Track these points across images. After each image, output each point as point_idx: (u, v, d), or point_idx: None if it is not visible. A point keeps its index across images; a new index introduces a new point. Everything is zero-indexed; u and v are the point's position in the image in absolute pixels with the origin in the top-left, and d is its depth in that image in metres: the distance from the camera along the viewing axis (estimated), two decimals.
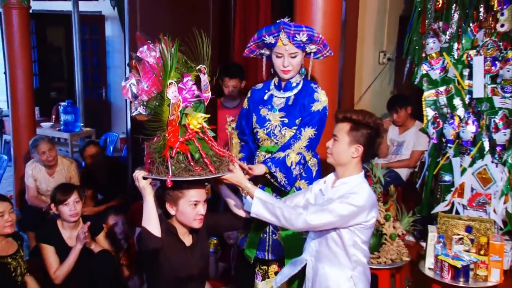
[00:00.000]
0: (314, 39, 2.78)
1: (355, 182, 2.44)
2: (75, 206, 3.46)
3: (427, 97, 4.54)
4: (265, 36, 2.80)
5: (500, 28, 4.22)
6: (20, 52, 5.24)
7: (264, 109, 2.93)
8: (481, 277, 3.11)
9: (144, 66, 2.32)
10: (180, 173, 2.28)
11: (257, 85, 3.09)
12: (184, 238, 2.56)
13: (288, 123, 2.87)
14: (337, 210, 2.33)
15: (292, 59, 2.79)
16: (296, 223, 2.37)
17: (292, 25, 2.75)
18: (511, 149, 4.15)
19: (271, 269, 3.05)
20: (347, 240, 2.42)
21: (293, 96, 2.90)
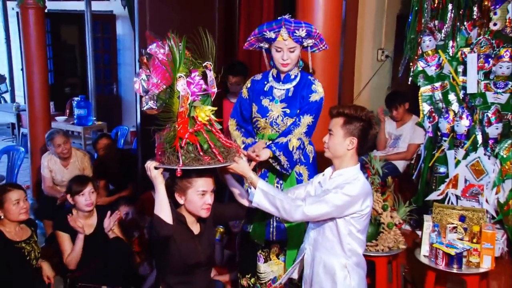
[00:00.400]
0: (312, 34, 2.82)
1: (351, 173, 2.44)
2: (90, 197, 3.48)
3: (423, 92, 4.55)
4: (266, 31, 2.83)
5: (493, 26, 4.23)
6: (36, 49, 5.26)
7: (266, 100, 2.96)
8: (474, 264, 3.10)
9: (154, 62, 2.32)
10: (190, 163, 2.28)
11: (256, 76, 3.10)
12: (192, 226, 2.56)
13: (290, 113, 2.91)
14: (332, 200, 2.34)
15: (291, 53, 2.83)
16: (294, 215, 2.39)
17: (293, 21, 2.78)
18: (503, 142, 4.16)
19: (272, 252, 3.06)
20: (342, 229, 2.42)
21: (293, 88, 2.93)
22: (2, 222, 3.18)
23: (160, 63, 2.30)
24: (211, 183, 2.48)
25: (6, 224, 3.18)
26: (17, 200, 3.16)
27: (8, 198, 3.14)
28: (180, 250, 2.48)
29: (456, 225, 3.26)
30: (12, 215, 3.16)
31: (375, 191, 3.40)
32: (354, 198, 2.36)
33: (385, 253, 3.31)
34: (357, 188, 2.37)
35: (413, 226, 4.40)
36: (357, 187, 2.38)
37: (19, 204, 3.17)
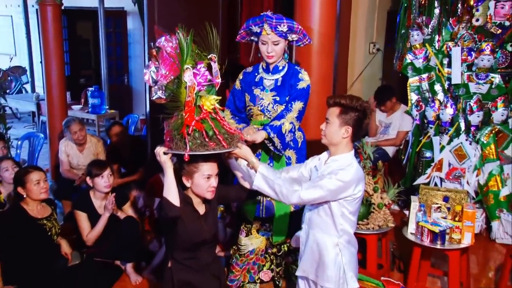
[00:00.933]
0: (294, 29, 2.84)
1: (345, 159, 2.43)
2: (109, 179, 3.51)
3: (411, 83, 4.55)
4: (252, 26, 2.86)
5: (476, 22, 4.23)
6: (54, 44, 5.25)
7: (257, 89, 2.98)
8: (456, 240, 3.11)
9: (163, 54, 2.31)
10: (196, 148, 2.28)
11: (248, 68, 3.12)
12: (198, 207, 2.57)
13: (279, 100, 2.95)
14: (327, 185, 2.34)
15: (275, 46, 2.85)
16: (291, 199, 2.38)
17: (274, 17, 2.80)
18: (483, 129, 4.17)
19: (254, 227, 3.10)
20: (335, 211, 2.42)
21: (281, 78, 2.96)
22: (25, 201, 3.22)
23: (168, 55, 2.29)
24: (216, 168, 2.49)
25: (29, 202, 3.22)
26: (38, 180, 3.20)
27: (29, 179, 3.17)
28: (187, 229, 2.49)
29: (440, 205, 3.27)
30: (34, 194, 3.19)
31: (366, 174, 3.41)
32: (347, 183, 2.36)
33: (375, 231, 3.34)
34: (350, 174, 2.37)
35: (401, 206, 4.44)
36: (350, 173, 2.37)
37: (39, 184, 3.20)
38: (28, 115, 9.32)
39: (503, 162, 4.10)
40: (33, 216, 3.21)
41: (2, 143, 4.45)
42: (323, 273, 2.48)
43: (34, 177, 3.20)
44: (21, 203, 3.23)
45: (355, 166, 2.42)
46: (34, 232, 3.19)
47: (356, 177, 2.40)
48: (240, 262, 3.13)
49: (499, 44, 4.19)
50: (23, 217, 3.18)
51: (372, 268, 3.37)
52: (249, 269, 3.15)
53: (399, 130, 4.88)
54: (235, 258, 3.15)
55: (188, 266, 2.57)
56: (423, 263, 3.33)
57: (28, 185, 3.18)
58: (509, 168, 4.08)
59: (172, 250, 2.61)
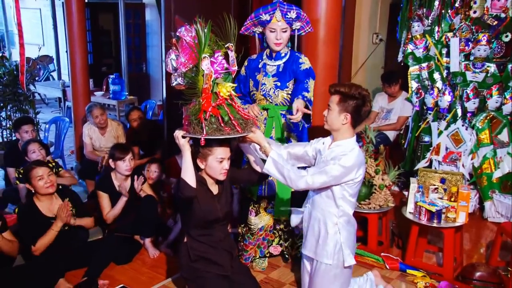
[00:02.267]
0: (301, 16, 2.82)
1: (348, 144, 2.42)
2: (130, 163, 3.49)
3: (412, 72, 4.52)
4: (262, 14, 2.83)
5: (473, 14, 4.19)
6: (78, 34, 5.23)
7: (260, 75, 2.95)
8: (451, 219, 3.11)
9: (182, 43, 2.29)
10: (212, 133, 2.28)
11: (252, 56, 3.10)
12: (212, 188, 2.57)
13: (280, 85, 2.92)
14: (330, 171, 2.33)
15: (283, 33, 2.84)
16: (299, 184, 2.39)
17: (286, 4, 2.78)
18: (478, 115, 4.15)
19: (261, 206, 3.09)
20: (337, 194, 2.43)
21: (283, 64, 2.93)
22: (37, 197, 3.12)
23: (187, 44, 2.27)
24: (228, 151, 2.48)
25: (40, 198, 3.11)
26: (41, 176, 3.06)
27: (33, 175, 3.05)
28: (202, 208, 2.50)
29: (437, 186, 3.26)
30: (40, 189, 3.07)
31: (369, 157, 3.39)
32: (349, 168, 2.35)
33: (376, 210, 3.34)
34: (352, 159, 2.36)
35: (401, 187, 4.43)
36: (352, 158, 2.36)
37: (43, 179, 3.06)
38: (55, 101, 9.36)
39: (497, 146, 4.07)
40: (45, 215, 3.09)
41: (31, 127, 4.45)
42: (322, 250, 2.50)
43: (37, 172, 3.06)
44: (34, 198, 3.13)
45: (356, 151, 2.40)
46: (45, 229, 3.06)
47: (358, 162, 2.38)
48: (252, 241, 3.13)
49: (495, 35, 4.15)
50: (36, 216, 3.08)
51: (373, 244, 3.38)
52: (259, 245, 3.15)
53: (400, 115, 4.87)
54: (247, 238, 3.14)
55: (202, 242, 2.58)
56: (420, 240, 3.32)
57: (33, 181, 3.06)
58: (502, 152, 4.06)
59: (188, 227, 2.61)
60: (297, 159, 2.61)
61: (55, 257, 2.99)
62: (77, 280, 2.95)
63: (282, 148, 2.62)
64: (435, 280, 3.01)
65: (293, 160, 2.60)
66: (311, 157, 2.57)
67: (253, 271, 2.97)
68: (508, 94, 4.07)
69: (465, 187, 3.18)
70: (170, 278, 3.10)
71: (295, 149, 2.62)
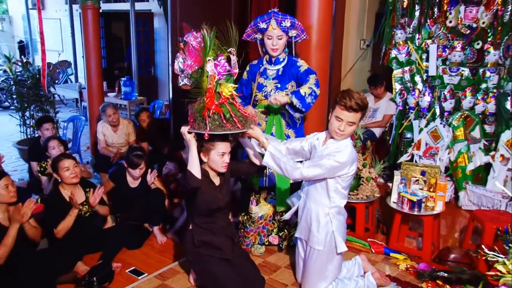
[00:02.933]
0: (295, 25, 2.79)
1: (343, 142, 2.39)
2: (140, 172, 3.42)
3: (395, 74, 4.50)
4: (260, 22, 2.80)
5: (449, 23, 4.19)
6: (93, 41, 5.21)
7: (261, 78, 2.93)
8: (430, 208, 3.10)
9: (189, 47, 2.29)
10: (215, 128, 2.27)
11: (253, 62, 3.08)
12: (214, 179, 2.55)
13: (280, 87, 2.89)
14: (325, 165, 2.31)
15: (279, 40, 2.80)
16: (294, 175, 2.36)
17: (280, 14, 2.75)
18: (454, 114, 4.15)
19: (262, 196, 3.06)
20: (330, 186, 2.41)
21: (282, 68, 2.90)
22: (62, 185, 3.09)
23: (194, 48, 2.26)
24: (229, 147, 2.47)
25: (65, 186, 3.08)
26: (67, 167, 3.04)
27: (60, 166, 3.03)
28: (205, 198, 2.48)
29: (418, 178, 3.26)
30: (66, 179, 3.05)
31: (357, 152, 3.37)
32: (343, 164, 2.32)
33: (364, 200, 3.32)
34: (346, 155, 2.33)
35: (386, 179, 4.42)
36: (346, 155, 2.33)
37: (69, 170, 3.04)
38: (73, 101, 9.33)
39: (470, 142, 4.07)
40: (69, 202, 3.05)
41: (52, 125, 4.43)
42: (314, 237, 2.48)
43: (64, 164, 3.04)
44: (59, 187, 3.11)
45: (350, 148, 2.38)
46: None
47: (351, 158, 2.35)
48: (253, 228, 3.10)
49: (468, 42, 4.15)
50: (61, 203, 3.05)
51: (360, 231, 3.37)
52: (259, 232, 3.12)
53: (385, 113, 4.86)
54: (248, 225, 3.11)
55: (206, 229, 2.56)
56: (403, 227, 3.31)
57: (60, 171, 3.05)
58: (475, 147, 4.05)
59: (192, 216, 2.59)
60: (295, 153, 2.58)
61: (75, 242, 2.98)
62: (93, 263, 2.93)
63: (281, 144, 2.59)
64: (415, 262, 3.01)
65: (292, 155, 2.57)
66: (307, 151, 2.55)
67: (252, 256, 2.96)
68: (480, 95, 4.09)
69: (443, 179, 3.18)
70: (177, 262, 3.08)
71: (293, 144, 2.59)
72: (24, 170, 5.08)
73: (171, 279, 2.87)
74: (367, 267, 2.78)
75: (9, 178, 2.75)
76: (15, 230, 2.63)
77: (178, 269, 2.99)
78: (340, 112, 2.28)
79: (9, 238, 2.60)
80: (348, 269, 2.73)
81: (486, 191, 3.82)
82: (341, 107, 2.27)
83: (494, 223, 2.93)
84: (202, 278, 2.65)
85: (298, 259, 2.70)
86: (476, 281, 2.65)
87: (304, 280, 2.63)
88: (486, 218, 3.03)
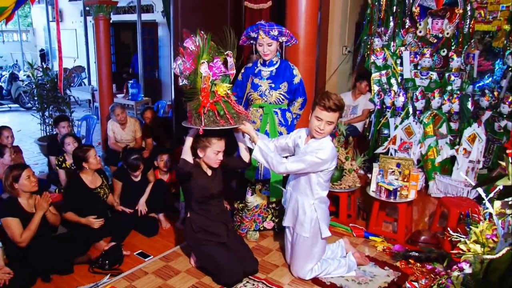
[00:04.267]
0: (283, 33, 2.73)
1: (323, 140, 2.34)
2: (138, 175, 3.38)
3: (374, 77, 4.49)
4: (250, 32, 2.77)
5: (419, 33, 4.23)
6: (104, 48, 5.13)
7: (256, 79, 2.88)
8: (404, 196, 3.08)
9: (188, 51, 2.25)
10: (209, 124, 2.24)
11: (248, 64, 3.03)
12: (207, 171, 2.55)
13: (274, 87, 2.84)
14: (308, 161, 2.27)
15: (269, 46, 2.76)
16: (279, 169, 2.33)
17: (267, 24, 2.71)
18: (425, 113, 4.14)
19: (257, 188, 3.02)
20: (313, 180, 2.38)
21: (275, 70, 2.86)
22: (83, 171, 3.09)
23: (192, 52, 2.22)
24: (223, 146, 2.46)
25: (87, 172, 3.10)
26: (95, 155, 3.12)
27: (90, 155, 3.08)
28: (198, 185, 2.48)
29: (394, 170, 3.23)
30: (93, 165, 3.09)
31: (340, 146, 3.34)
32: (324, 161, 2.29)
33: (346, 190, 3.29)
34: (327, 153, 2.29)
35: (366, 171, 4.39)
36: (327, 153, 2.29)
37: (96, 158, 3.12)
38: (86, 102, 9.21)
39: (438, 137, 4.06)
40: (89, 186, 3.09)
41: (67, 123, 4.36)
42: (301, 225, 2.46)
43: (93, 153, 3.11)
44: (80, 173, 3.10)
45: (330, 146, 2.33)
46: (90, 198, 3.08)
47: (331, 155, 2.31)
48: (249, 215, 3.05)
49: (435, 50, 4.15)
50: (81, 187, 3.07)
51: (343, 217, 3.34)
52: (255, 219, 3.07)
53: (364, 108, 4.83)
54: (244, 212, 3.06)
55: (202, 215, 2.54)
56: (380, 213, 3.28)
57: (90, 159, 3.07)
58: (442, 142, 4.04)
59: (189, 202, 2.58)
60: (282, 150, 2.54)
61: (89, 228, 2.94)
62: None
63: (270, 142, 2.55)
64: (391, 244, 3.00)
65: (280, 151, 2.53)
66: (292, 147, 2.51)
67: (247, 241, 2.92)
68: (446, 96, 4.08)
69: (415, 170, 3.17)
70: (179, 246, 3.03)
71: (279, 141, 2.55)
72: (44, 163, 5.02)
73: (174, 261, 2.82)
74: (349, 248, 2.76)
75: (30, 170, 2.73)
76: (39, 217, 2.65)
77: (180, 252, 2.94)
78: (320, 112, 2.24)
79: (34, 223, 2.62)
80: (332, 251, 2.71)
81: (452, 181, 3.81)
82: (321, 108, 2.23)
83: (458, 208, 2.93)
84: (202, 260, 2.61)
85: (286, 243, 2.67)
86: (442, 259, 2.65)
87: (292, 261, 2.60)
88: (451, 204, 3.02)
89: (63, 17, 10.66)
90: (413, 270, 2.68)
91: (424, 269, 2.67)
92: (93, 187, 3.12)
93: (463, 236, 1.71)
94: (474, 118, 4.01)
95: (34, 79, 5.44)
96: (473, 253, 1.59)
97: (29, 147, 5.82)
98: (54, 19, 9.33)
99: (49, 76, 5.41)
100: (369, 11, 4.35)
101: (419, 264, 2.71)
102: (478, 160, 3.83)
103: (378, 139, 4.43)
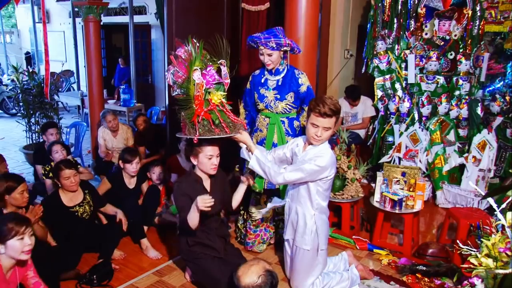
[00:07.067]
0: (282, 44, 2.72)
1: (322, 147, 2.37)
2: (136, 166, 3.45)
3: (377, 82, 4.51)
4: (250, 42, 2.81)
5: (425, 35, 4.23)
6: (94, 52, 5.17)
7: (262, 89, 2.90)
8: (410, 206, 3.10)
9: (179, 60, 2.28)
10: (204, 133, 2.26)
11: (255, 72, 3.04)
12: (205, 183, 2.54)
13: (280, 98, 2.86)
14: (306, 169, 2.29)
15: (270, 56, 2.77)
16: (277, 179, 2.35)
17: (262, 37, 2.71)
18: (431, 119, 4.16)
19: (262, 199, 3.04)
20: (312, 189, 2.39)
21: (281, 79, 2.87)
22: (62, 189, 3.02)
23: (184, 60, 2.25)
24: (217, 150, 2.46)
25: (64, 190, 3.02)
26: (68, 176, 2.96)
27: (61, 175, 2.96)
28: None
29: (399, 179, 3.25)
30: (66, 187, 2.99)
31: (342, 154, 3.36)
32: (323, 168, 2.31)
33: (349, 200, 3.31)
34: (326, 160, 2.31)
35: (369, 180, 4.42)
36: (326, 160, 2.31)
37: (69, 179, 2.97)
38: (75, 108, 9.22)
39: (446, 144, 4.08)
40: (65, 205, 3.00)
41: (55, 130, 4.36)
42: (301, 238, 2.47)
43: (65, 173, 2.96)
44: (59, 190, 3.05)
45: (329, 153, 2.36)
46: (66, 217, 3.01)
47: (330, 162, 2.34)
48: (253, 227, 3.07)
49: (442, 53, 4.18)
50: (58, 204, 2.99)
51: (345, 229, 3.35)
52: (261, 235, 3.10)
53: (364, 116, 4.90)
54: (248, 223, 3.08)
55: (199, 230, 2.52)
56: (385, 224, 3.31)
57: (61, 179, 2.98)
58: (450, 150, 4.07)
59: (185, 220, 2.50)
60: (280, 161, 2.56)
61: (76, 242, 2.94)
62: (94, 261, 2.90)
63: (268, 153, 2.56)
64: (397, 257, 3.01)
65: (278, 162, 2.54)
66: (289, 157, 2.53)
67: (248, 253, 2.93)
68: (454, 101, 4.12)
69: (421, 179, 3.18)
70: (172, 260, 3.04)
71: (277, 152, 2.57)
72: (30, 173, 5.02)
73: (168, 276, 2.83)
74: (353, 262, 2.77)
75: (26, 185, 2.70)
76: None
77: (175, 267, 2.95)
78: (315, 119, 2.27)
79: None
80: (334, 264, 2.72)
81: (461, 190, 3.83)
82: (316, 114, 2.26)
83: (468, 220, 2.94)
84: (197, 275, 2.62)
85: (286, 256, 2.68)
86: (451, 273, 2.65)
87: (292, 275, 2.61)
88: (460, 215, 3.04)
89: (50, 18, 10.69)
90: (421, 285, 2.69)
91: (433, 284, 2.67)
92: (71, 205, 3.03)
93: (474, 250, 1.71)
94: (484, 124, 4.03)
95: (19, 84, 5.43)
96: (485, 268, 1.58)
97: (14, 156, 5.84)
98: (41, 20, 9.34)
99: (35, 80, 5.40)
100: (373, 12, 4.39)
101: (427, 279, 2.71)
102: (489, 169, 3.85)
103: (382, 147, 4.46)
